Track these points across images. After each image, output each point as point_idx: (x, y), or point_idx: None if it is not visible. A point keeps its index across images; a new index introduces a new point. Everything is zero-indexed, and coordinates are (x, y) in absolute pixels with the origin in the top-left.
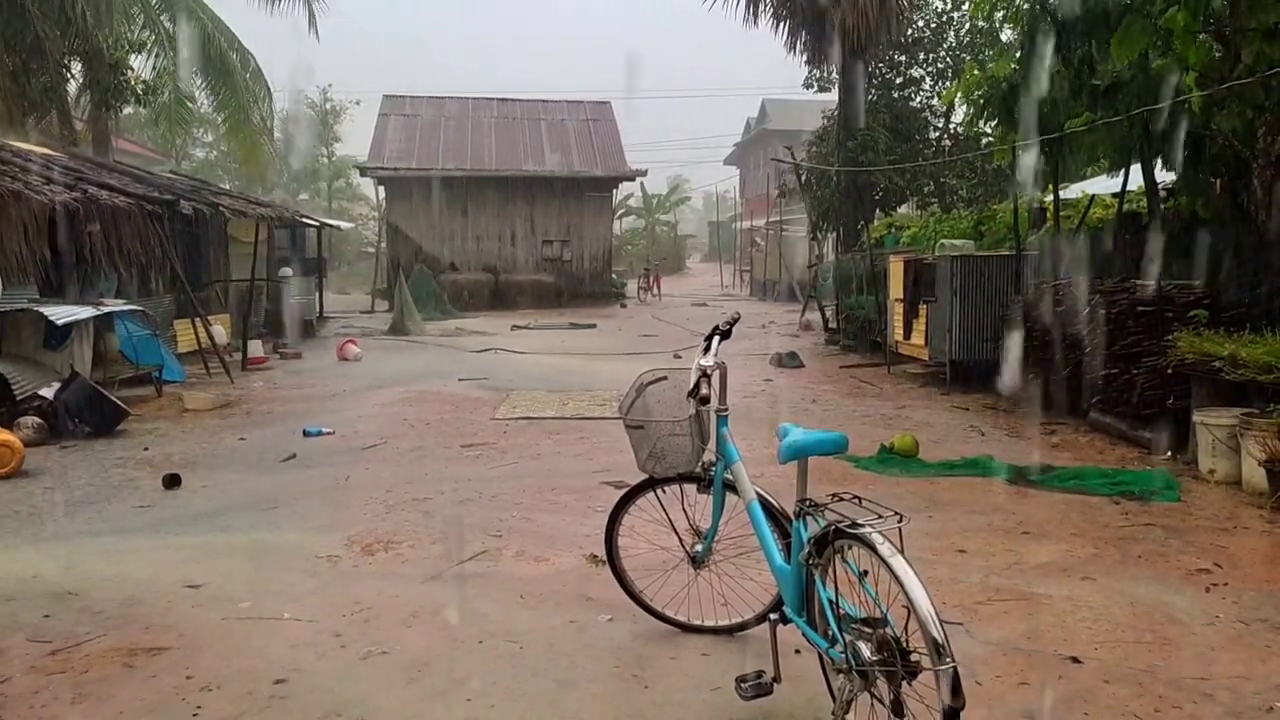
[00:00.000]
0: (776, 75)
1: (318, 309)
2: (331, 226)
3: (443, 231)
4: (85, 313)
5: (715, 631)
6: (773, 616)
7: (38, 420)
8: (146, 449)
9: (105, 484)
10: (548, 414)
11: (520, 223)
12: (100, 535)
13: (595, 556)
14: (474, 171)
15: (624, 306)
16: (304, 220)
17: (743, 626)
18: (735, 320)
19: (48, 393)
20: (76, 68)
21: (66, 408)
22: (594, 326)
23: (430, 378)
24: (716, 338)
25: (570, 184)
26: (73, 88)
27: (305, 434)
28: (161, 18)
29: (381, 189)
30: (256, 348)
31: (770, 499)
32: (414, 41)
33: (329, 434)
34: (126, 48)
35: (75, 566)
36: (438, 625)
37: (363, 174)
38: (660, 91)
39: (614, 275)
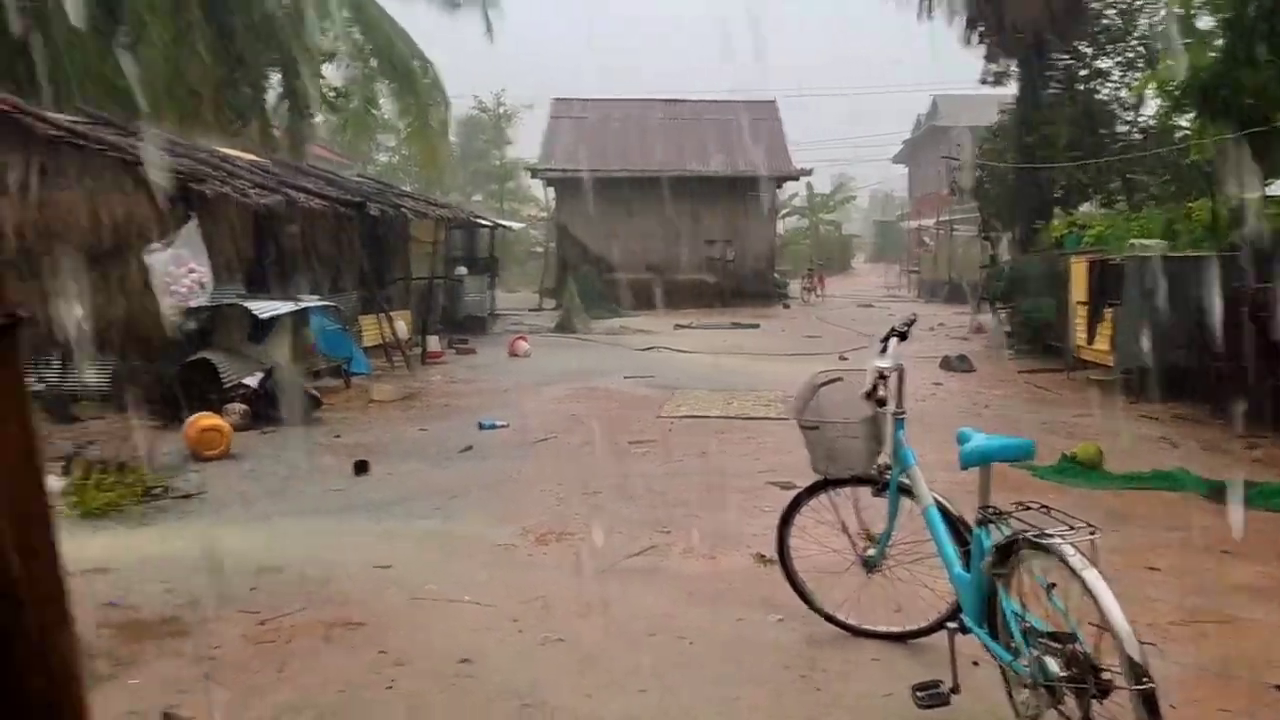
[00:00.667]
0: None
1: (490, 306)
2: (503, 227)
3: (608, 231)
4: (285, 308)
5: (887, 637)
6: (950, 625)
7: (243, 407)
8: (338, 436)
9: (301, 468)
10: (712, 413)
11: (684, 222)
12: (298, 515)
13: (763, 556)
14: (640, 172)
15: (787, 307)
16: (478, 221)
17: (916, 634)
18: (912, 322)
19: (251, 382)
20: (275, 79)
21: (268, 396)
22: (757, 327)
23: (597, 375)
24: (894, 339)
25: (734, 183)
26: (271, 97)
27: (480, 427)
28: (352, 30)
29: (550, 190)
30: (434, 343)
31: (947, 505)
32: (584, 43)
33: (503, 427)
34: (321, 59)
35: (277, 543)
36: (609, 617)
37: (533, 175)
38: (828, 88)
39: (777, 275)
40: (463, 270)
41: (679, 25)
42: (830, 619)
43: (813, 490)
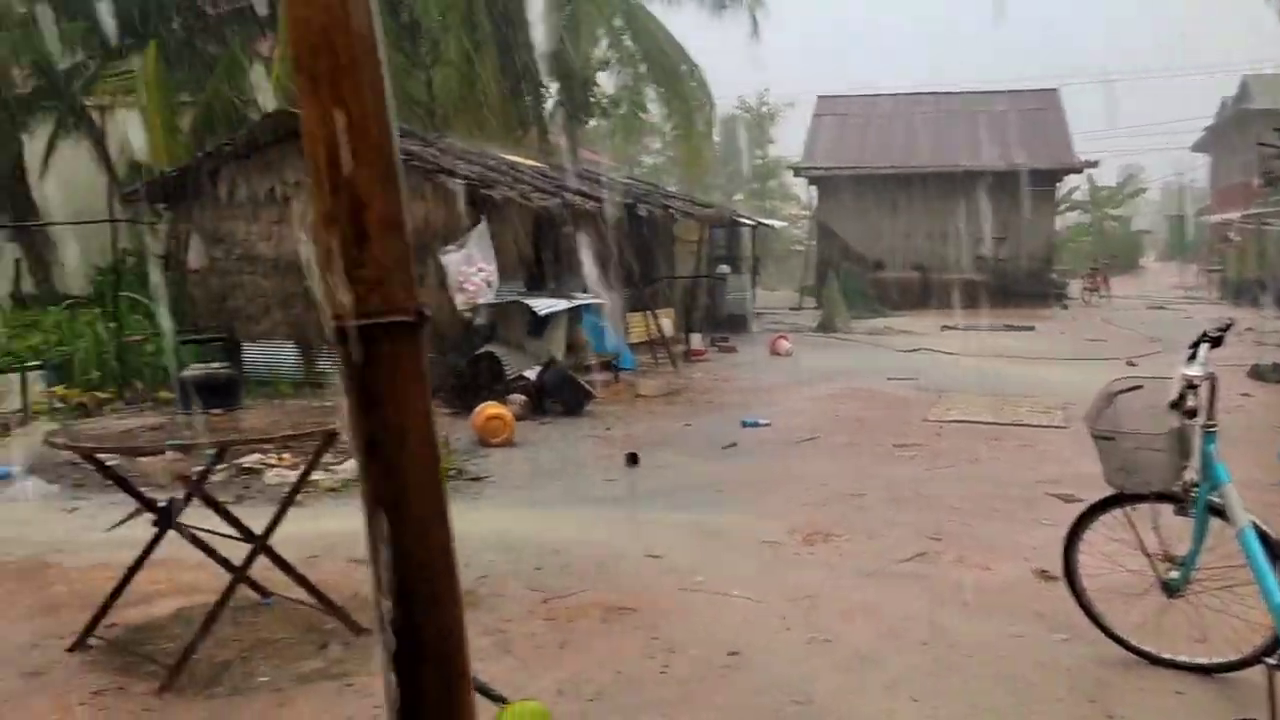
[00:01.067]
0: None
1: (751, 305)
2: (765, 226)
3: (872, 229)
4: (561, 305)
5: (1190, 669)
6: (1269, 660)
7: (523, 398)
8: (608, 429)
9: (577, 457)
10: (984, 418)
11: (952, 219)
12: (575, 502)
13: (1044, 571)
14: (906, 168)
15: (1065, 308)
16: (740, 220)
17: (1226, 667)
18: (1228, 326)
19: (530, 374)
20: (553, 88)
21: (545, 388)
22: (1031, 329)
23: (859, 375)
24: (1204, 345)
25: (1008, 178)
26: (548, 106)
27: (744, 424)
28: (623, 37)
29: (813, 188)
30: (697, 340)
31: (1266, 529)
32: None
33: (765, 425)
34: (595, 67)
35: (557, 527)
36: (878, 620)
37: (795, 174)
38: (1118, 71)
39: (1054, 275)
40: (725, 269)
41: (955, 10)
42: (1123, 644)
43: (1105, 505)
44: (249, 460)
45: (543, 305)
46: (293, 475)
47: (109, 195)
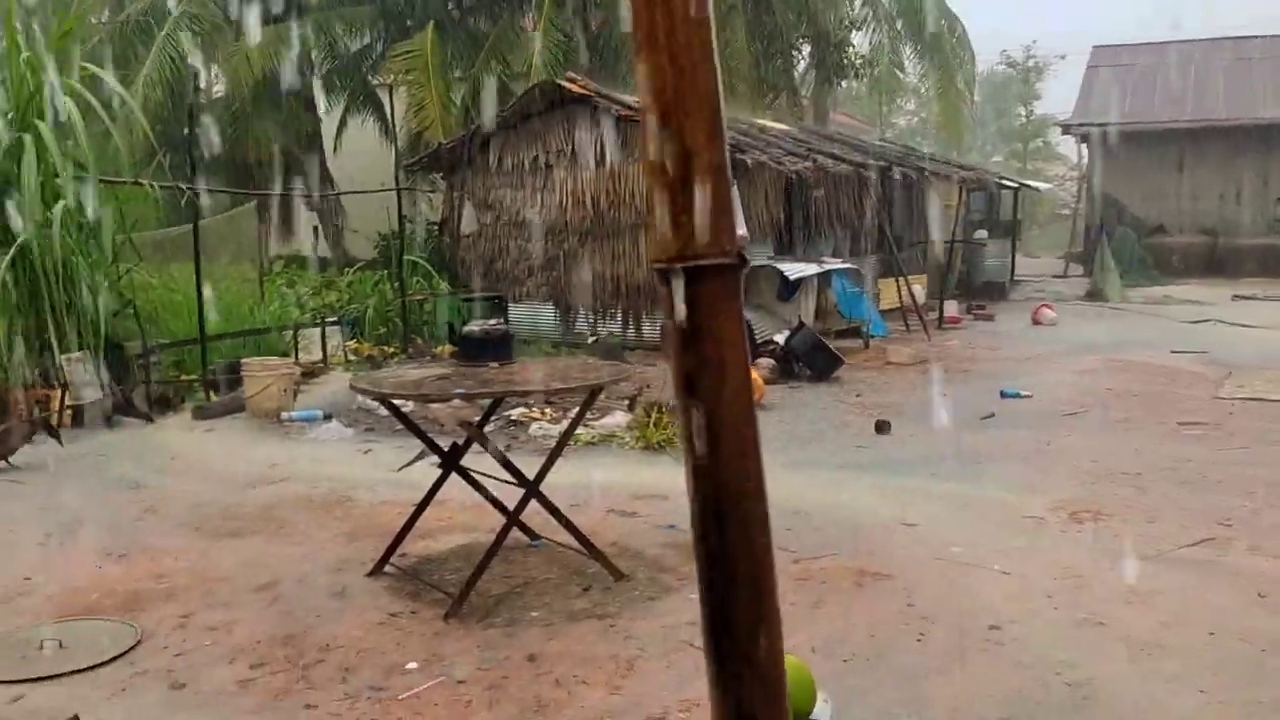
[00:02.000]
0: None
1: (1010, 272)
2: (1027, 188)
3: (1152, 190)
4: (811, 269)
5: None
6: None
7: (771, 362)
8: (858, 395)
9: (825, 422)
10: None
11: (1248, 178)
12: (822, 466)
13: None
14: (1194, 122)
15: None
16: (1001, 182)
17: None
18: None
19: (779, 339)
20: (804, 49)
21: (794, 353)
22: None
23: (1134, 347)
24: None
25: None
26: (799, 67)
27: (1002, 395)
28: None
29: (1083, 147)
30: (951, 307)
31: None
32: None
33: (1026, 397)
34: (849, 27)
35: (805, 490)
36: (1159, 607)
37: (1064, 132)
38: None
39: None
40: (982, 234)
41: None
42: None
43: None
44: (515, 413)
45: (793, 269)
46: (554, 429)
47: (395, 166)
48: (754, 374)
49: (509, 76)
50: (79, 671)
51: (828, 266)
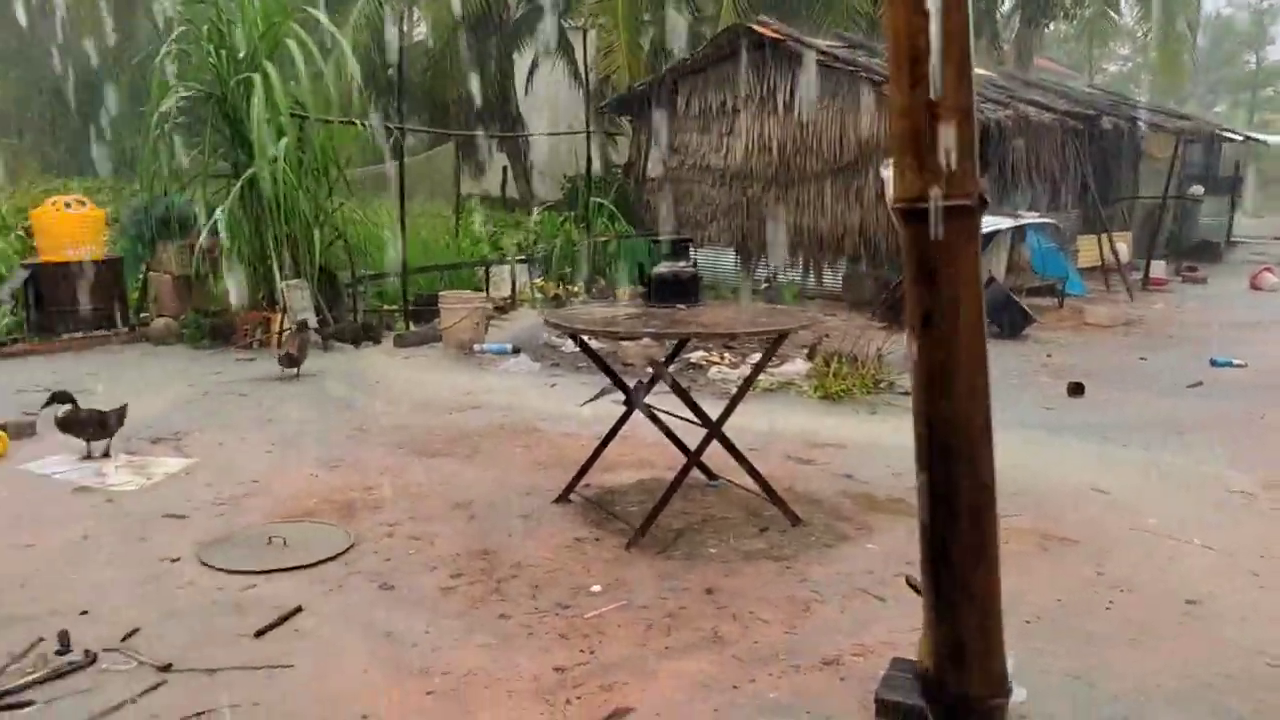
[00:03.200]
0: None
1: (1226, 232)
2: (1254, 141)
3: None
4: (1005, 223)
5: None
6: None
7: None
8: (1049, 355)
9: (1014, 382)
10: None
11: None
12: (1008, 427)
13: None
14: None
15: None
16: (1222, 134)
17: None
18: None
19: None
20: None
21: (985, 309)
22: None
23: None
24: None
25: None
26: (1003, 9)
27: (1213, 363)
28: None
29: None
30: (1158, 268)
31: None
32: None
33: (1240, 366)
34: None
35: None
36: None
37: None
38: None
39: None
40: (1198, 190)
41: None
42: None
43: None
44: (695, 356)
45: (985, 222)
46: (733, 373)
47: (585, 109)
48: None
49: (698, 19)
50: (301, 568)
51: (1023, 220)
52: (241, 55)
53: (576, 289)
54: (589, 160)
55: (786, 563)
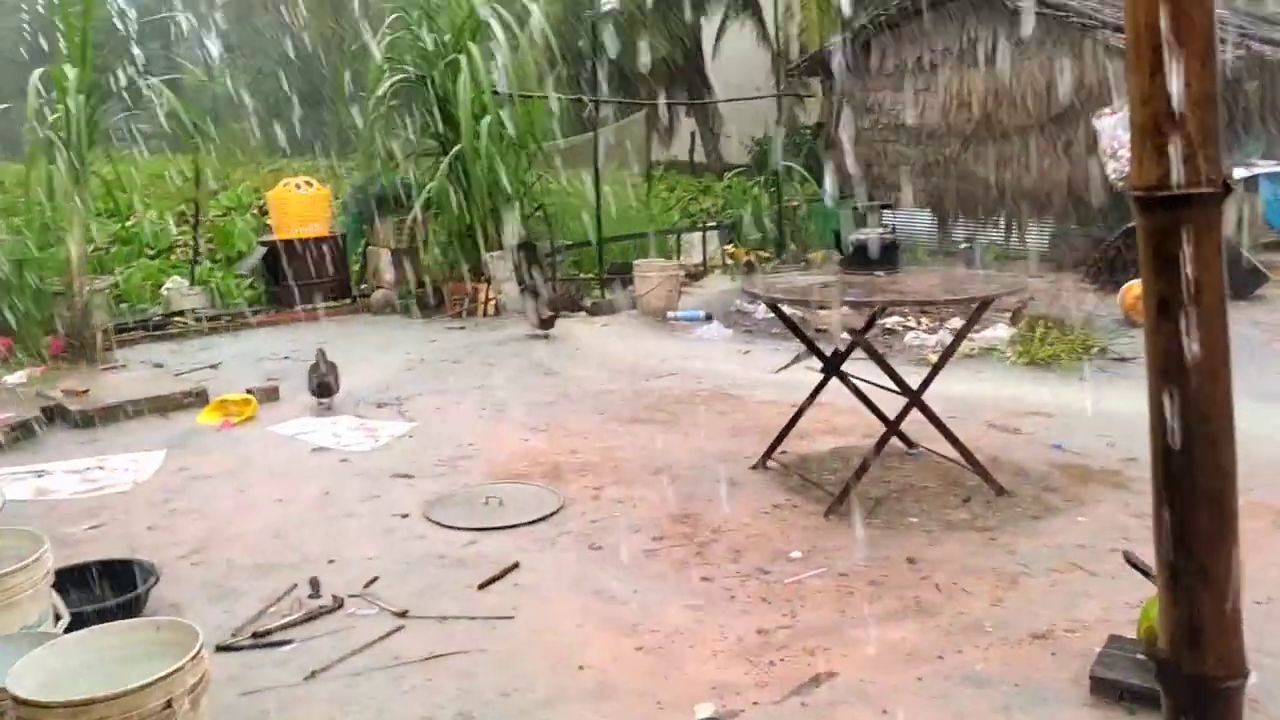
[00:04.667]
0: None
1: None
2: None
3: None
4: (1237, 173)
5: None
6: None
7: None
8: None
9: (1243, 346)
10: None
11: None
12: (1241, 395)
13: None
14: None
15: None
16: None
17: None
18: None
19: None
20: None
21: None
22: None
23: None
24: None
25: None
26: None
27: None
28: None
29: None
30: None
31: None
32: None
33: None
34: None
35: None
36: None
37: None
38: None
39: None
40: None
41: None
42: None
43: None
44: (890, 321)
45: None
46: (929, 338)
47: (775, 71)
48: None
49: None
50: (516, 526)
51: (1256, 170)
52: (447, 38)
53: (768, 255)
54: (779, 123)
55: (991, 534)
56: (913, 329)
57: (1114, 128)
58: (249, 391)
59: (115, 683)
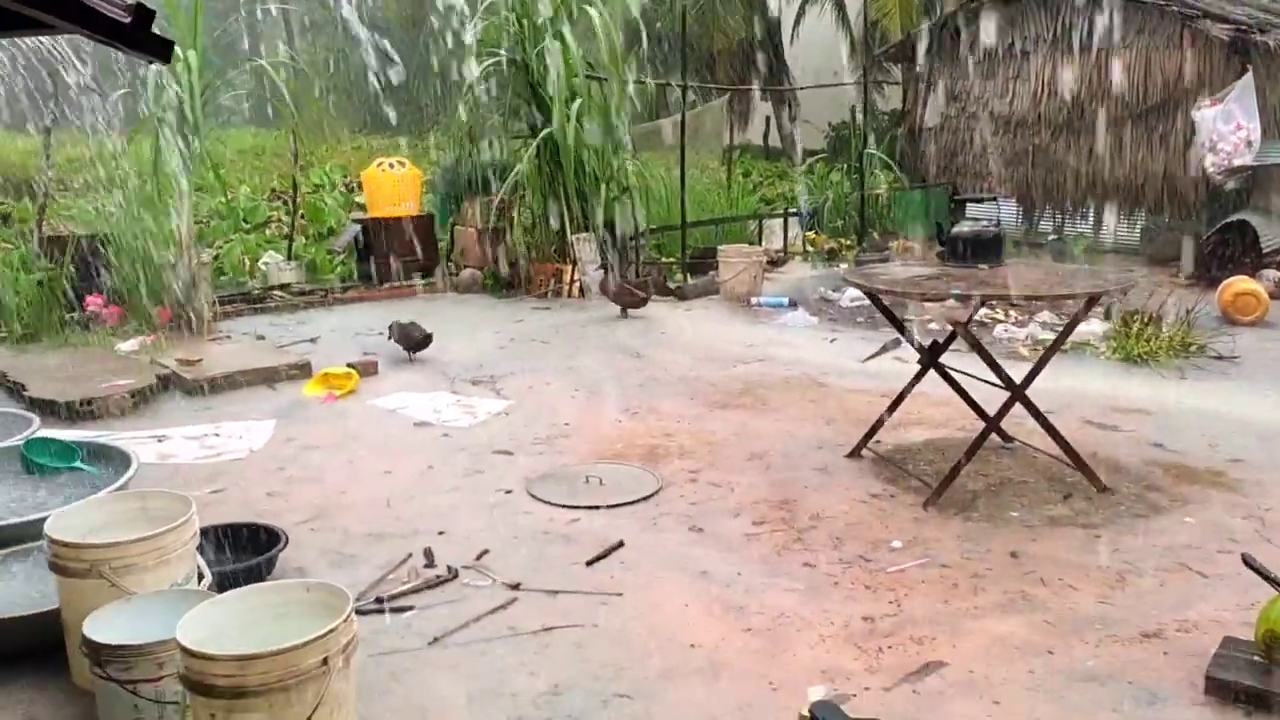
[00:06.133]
0: None
1: None
2: None
3: None
4: None
5: None
6: None
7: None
8: None
9: None
10: None
11: None
12: None
13: None
14: None
15: None
16: None
17: None
18: None
19: None
20: None
21: None
22: None
23: None
24: None
25: None
26: None
27: None
28: None
29: None
30: None
31: None
32: None
33: None
34: None
35: None
36: None
37: None
38: None
39: None
40: None
41: None
42: None
43: None
44: (980, 314)
45: None
46: (1020, 332)
47: (862, 56)
48: (1257, 287)
49: None
50: (617, 506)
51: None
52: (540, 22)
53: (848, 243)
54: (865, 110)
55: (1094, 530)
56: (1002, 321)
57: (1213, 120)
58: (350, 365)
59: (272, 640)
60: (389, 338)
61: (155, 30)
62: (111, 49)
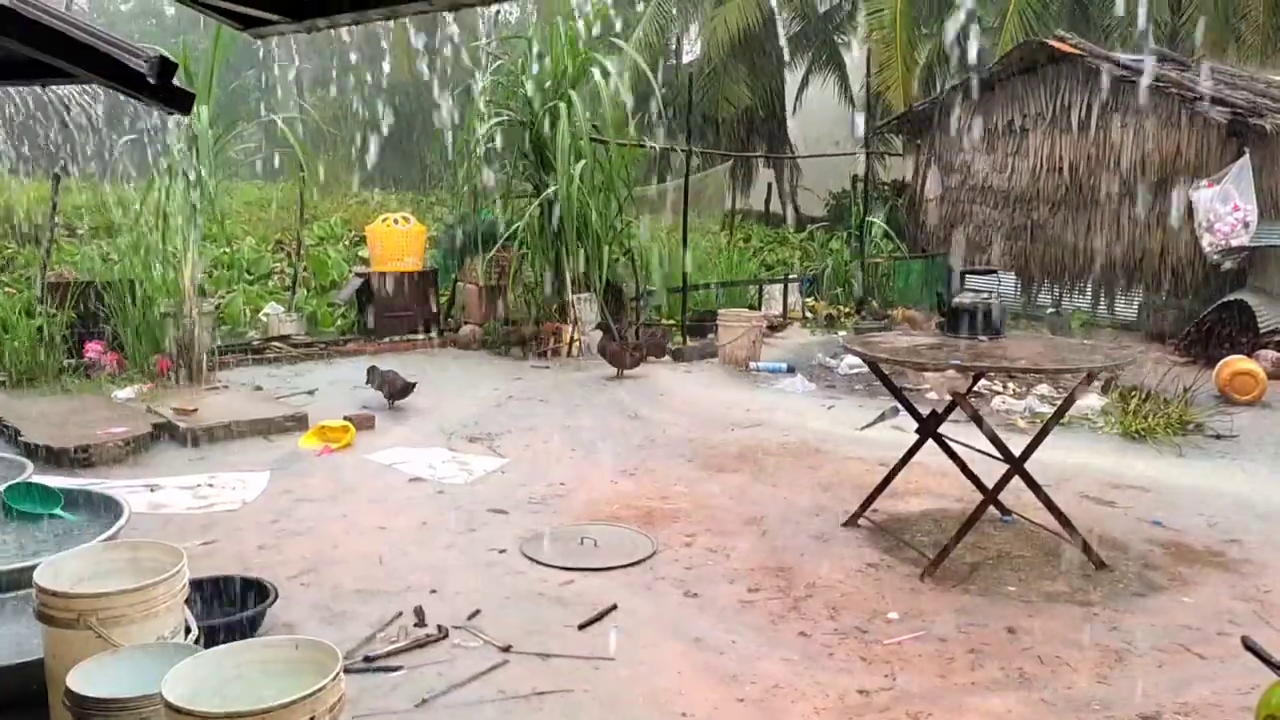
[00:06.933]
0: None
1: None
2: None
3: None
4: None
5: None
6: None
7: (1277, 355)
8: None
9: None
10: None
11: None
12: None
13: None
14: None
15: None
16: None
17: None
18: None
19: None
20: None
21: None
22: None
23: None
24: None
25: None
26: None
27: None
28: None
29: None
30: None
31: None
32: None
33: None
34: None
35: None
36: None
37: None
38: None
39: None
40: None
41: None
42: None
43: None
44: (977, 385)
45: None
46: (1017, 404)
47: (864, 127)
48: (1254, 367)
49: (983, 28)
50: (612, 568)
51: None
52: (548, 85)
53: (848, 309)
54: (867, 180)
55: (1093, 608)
56: (1000, 393)
57: (1210, 200)
58: (347, 419)
59: (259, 697)
60: (368, 382)
61: (176, 82)
62: (129, 98)
